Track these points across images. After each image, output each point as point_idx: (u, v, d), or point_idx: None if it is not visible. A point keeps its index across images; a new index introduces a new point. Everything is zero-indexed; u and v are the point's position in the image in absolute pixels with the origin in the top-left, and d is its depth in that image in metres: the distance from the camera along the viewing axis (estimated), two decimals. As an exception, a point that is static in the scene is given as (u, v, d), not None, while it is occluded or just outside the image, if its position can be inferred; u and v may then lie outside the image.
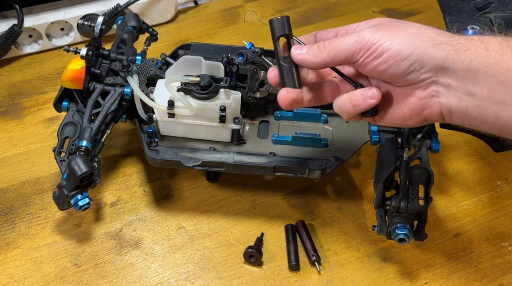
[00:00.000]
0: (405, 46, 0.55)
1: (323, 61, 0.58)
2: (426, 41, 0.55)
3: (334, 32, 0.62)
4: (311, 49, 0.59)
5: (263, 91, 0.80)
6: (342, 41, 0.57)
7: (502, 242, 0.78)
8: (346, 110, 0.60)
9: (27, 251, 0.75)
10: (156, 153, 0.76)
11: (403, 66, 0.55)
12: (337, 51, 0.57)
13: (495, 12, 0.77)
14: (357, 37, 0.56)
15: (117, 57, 0.80)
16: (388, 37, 0.55)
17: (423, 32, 0.55)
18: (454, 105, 0.56)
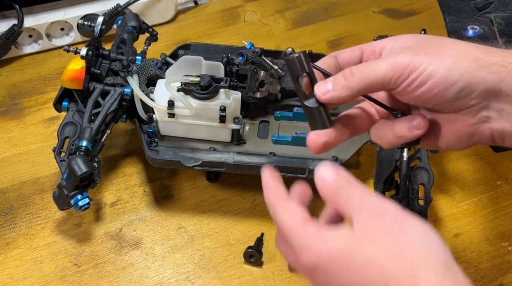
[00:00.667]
0: (451, 70, 0.47)
1: (355, 93, 0.49)
2: (473, 63, 0.48)
3: (359, 51, 0.54)
4: (337, 81, 0.50)
5: (263, 91, 0.80)
6: (374, 67, 0.49)
7: (502, 242, 0.78)
8: (387, 141, 0.53)
9: (27, 251, 0.75)
10: (156, 153, 0.76)
11: (451, 93, 0.48)
12: (370, 79, 0.49)
13: (495, 12, 0.77)
14: (393, 63, 0.48)
15: (117, 57, 0.80)
16: (430, 62, 0.48)
17: (468, 52, 0.48)
18: (508, 130, 0.49)
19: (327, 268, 0.43)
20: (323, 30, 1.12)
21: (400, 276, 0.41)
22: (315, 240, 0.44)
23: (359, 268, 0.42)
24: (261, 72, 0.79)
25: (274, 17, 1.15)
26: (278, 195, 0.48)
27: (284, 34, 1.12)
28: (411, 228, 0.43)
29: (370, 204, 0.44)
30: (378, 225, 0.43)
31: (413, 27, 1.09)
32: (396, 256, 0.41)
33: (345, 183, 0.46)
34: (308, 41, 1.10)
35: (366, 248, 0.42)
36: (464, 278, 0.42)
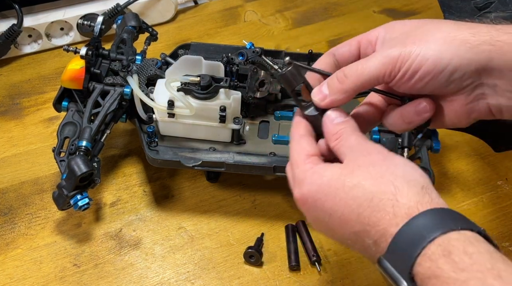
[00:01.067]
0: (439, 57, 0.49)
1: (351, 93, 0.52)
2: (461, 45, 0.49)
3: (356, 45, 0.56)
4: (332, 86, 0.52)
5: (263, 91, 0.80)
6: (366, 66, 0.51)
7: (503, 242, 0.78)
8: (400, 128, 0.55)
9: (27, 251, 0.75)
10: (156, 153, 0.76)
11: (442, 79, 0.50)
12: (363, 78, 0.51)
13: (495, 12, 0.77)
14: (383, 58, 0.50)
15: (117, 57, 0.80)
16: (418, 51, 0.49)
17: (455, 34, 0.49)
18: (504, 105, 0.51)
19: (316, 196, 0.49)
20: (323, 30, 1.12)
21: (382, 194, 0.46)
22: (309, 173, 0.50)
23: (345, 190, 0.47)
24: (261, 72, 0.79)
25: (274, 17, 1.15)
26: (297, 130, 0.53)
27: (284, 34, 1.12)
28: (393, 160, 0.48)
29: (363, 146, 0.50)
30: (365, 159, 0.48)
31: (413, 27, 1.09)
32: (379, 180, 0.47)
33: (348, 128, 0.51)
34: (308, 41, 1.09)
35: (353, 175, 0.48)
36: (438, 195, 0.47)
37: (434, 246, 0.42)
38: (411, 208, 0.44)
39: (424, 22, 0.52)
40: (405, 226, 0.44)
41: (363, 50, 0.55)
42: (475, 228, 0.44)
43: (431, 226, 0.43)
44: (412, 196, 0.45)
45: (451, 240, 0.42)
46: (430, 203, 0.45)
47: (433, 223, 0.43)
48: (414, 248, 0.43)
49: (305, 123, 0.54)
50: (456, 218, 0.44)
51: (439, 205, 0.45)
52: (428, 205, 0.45)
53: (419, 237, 0.43)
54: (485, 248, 0.42)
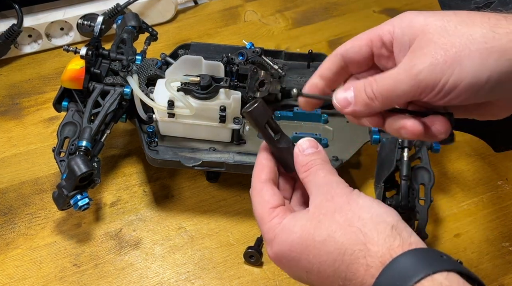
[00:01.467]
0: (475, 76, 0.43)
1: (377, 111, 0.48)
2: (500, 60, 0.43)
3: (366, 45, 0.51)
4: (360, 98, 0.48)
5: (263, 91, 0.80)
6: (395, 87, 0.46)
7: (503, 242, 0.78)
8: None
9: (27, 251, 0.75)
10: (156, 153, 0.76)
11: (480, 96, 0.45)
12: (392, 100, 0.47)
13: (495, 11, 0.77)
14: (411, 81, 0.45)
15: (117, 57, 0.80)
16: (451, 71, 0.44)
17: (491, 45, 0.43)
18: None
19: (289, 256, 0.48)
20: (323, 30, 1.12)
21: (353, 246, 0.44)
22: (278, 231, 0.48)
23: (317, 246, 0.46)
24: (261, 72, 0.79)
25: (274, 17, 1.15)
26: (258, 175, 0.52)
27: (284, 34, 1.12)
28: (358, 202, 0.47)
29: (328, 186, 0.48)
30: (330, 205, 0.47)
31: (413, 27, 1.09)
32: (347, 229, 0.45)
33: (318, 160, 0.50)
34: (308, 41, 1.09)
35: (321, 227, 0.46)
36: (410, 233, 0.45)
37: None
38: (384, 256, 0.43)
39: (448, 20, 0.46)
40: (379, 277, 0.43)
41: (377, 51, 0.50)
42: (449, 265, 0.42)
43: (404, 274, 0.42)
44: (382, 241, 0.44)
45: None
46: (401, 245, 0.43)
47: (406, 271, 0.42)
48: None
49: (268, 168, 0.52)
50: (429, 259, 0.42)
51: (411, 244, 0.44)
52: (400, 248, 0.43)
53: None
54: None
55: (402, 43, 0.48)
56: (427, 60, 0.45)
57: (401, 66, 0.46)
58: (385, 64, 0.51)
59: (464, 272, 0.42)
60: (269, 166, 0.52)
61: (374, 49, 0.50)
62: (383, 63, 0.51)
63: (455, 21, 0.46)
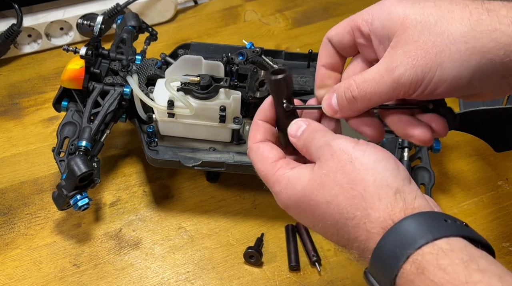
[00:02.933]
0: (457, 77, 0.43)
1: (361, 112, 0.49)
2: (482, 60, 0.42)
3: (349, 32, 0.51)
4: (341, 103, 0.49)
5: (263, 91, 0.80)
6: (375, 90, 0.46)
7: (503, 242, 0.77)
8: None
9: (26, 251, 0.75)
10: (156, 153, 0.76)
11: (465, 90, 0.45)
12: (372, 101, 0.47)
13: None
14: (393, 83, 0.45)
15: (117, 56, 0.80)
16: (432, 73, 0.44)
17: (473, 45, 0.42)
18: None
19: (296, 209, 0.48)
20: (323, 30, 1.12)
21: (355, 210, 0.44)
22: (283, 185, 0.48)
23: (320, 207, 0.46)
24: (261, 72, 0.79)
25: (274, 17, 1.15)
26: (253, 136, 0.51)
27: (284, 33, 1.11)
28: (362, 162, 0.45)
29: (326, 148, 0.47)
30: (332, 164, 0.46)
31: (413, 27, 1.09)
32: (350, 192, 0.44)
33: (310, 135, 0.49)
34: (308, 40, 1.09)
35: (324, 188, 0.45)
36: (414, 196, 0.44)
37: (408, 265, 0.41)
38: (385, 222, 0.43)
39: (428, 13, 0.45)
40: (380, 243, 0.42)
41: (358, 41, 0.50)
42: (452, 231, 0.41)
43: (404, 241, 0.41)
44: (384, 207, 0.43)
45: (425, 255, 0.40)
46: (404, 210, 0.43)
47: (406, 237, 0.41)
48: (391, 268, 0.41)
49: (263, 128, 0.52)
50: (431, 224, 0.42)
51: (414, 208, 0.43)
52: (402, 213, 0.42)
53: (394, 256, 0.41)
54: (460, 257, 0.40)
55: (381, 36, 0.48)
56: (408, 62, 0.44)
57: (381, 66, 0.46)
58: (366, 52, 0.51)
59: (468, 236, 0.42)
60: (265, 126, 0.52)
61: (356, 38, 0.51)
62: (365, 52, 0.51)
63: (435, 15, 0.45)
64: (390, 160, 0.45)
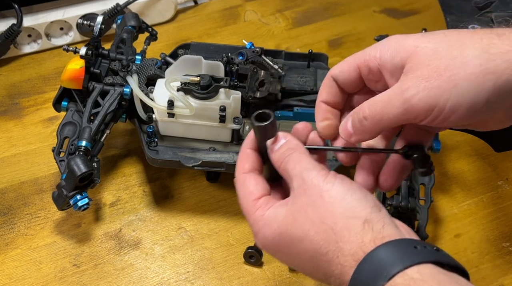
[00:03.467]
0: (473, 101, 0.43)
1: (375, 135, 0.49)
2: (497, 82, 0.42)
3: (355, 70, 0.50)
4: (355, 126, 0.49)
5: (263, 91, 0.80)
6: (386, 112, 0.46)
7: (503, 242, 0.77)
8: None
9: (26, 251, 0.75)
10: (156, 153, 0.76)
11: (478, 117, 0.44)
12: (384, 124, 0.47)
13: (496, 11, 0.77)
14: (404, 105, 0.45)
15: (117, 56, 0.80)
16: (446, 98, 0.43)
17: (486, 67, 0.42)
18: None
19: (273, 248, 0.48)
20: (323, 30, 1.12)
21: (327, 244, 0.44)
22: (260, 225, 0.48)
23: (295, 244, 0.46)
24: (261, 72, 0.79)
25: (274, 17, 1.15)
26: (242, 165, 0.52)
27: (284, 33, 1.11)
28: (331, 194, 0.45)
29: (300, 181, 0.47)
30: (303, 200, 0.46)
31: (413, 27, 1.09)
32: (321, 226, 0.45)
33: (288, 151, 0.49)
34: (308, 40, 1.09)
35: (297, 225, 0.46)
36: (383, 225, 0.44)
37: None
38: (356, 254, 0.43)
39: (438, 42, 0.45)
40: (354, 275, 0.42)
41: (365, 76, 0.50)
42: (422, 257, 0.41)
43: (375, 272, 0.41)
44: (354, 238, 0.43)
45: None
46: (373, 240, 0.42)
47: (378, 268, 0.41)
48: None
49: (252, 157, 0.52)
50: (401, 252, 0.41)
51: (384, 237, 0.43)
52: (372, 243, 0.42)
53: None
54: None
55: (393, 67, 0.47)
56: (421, 84, 0.44)
57: (392, 89, 0.46)
58: (375, 87, 0.51)
59: (439, 261, 0.41)
60: (253, 155, 0.52)
61: (362, 74, 0.50)
62: (373, 86, 0.51)
63: (446, 43, 0.45)
64: (357, 190, 0.46)
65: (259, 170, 0.52)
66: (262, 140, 0.51)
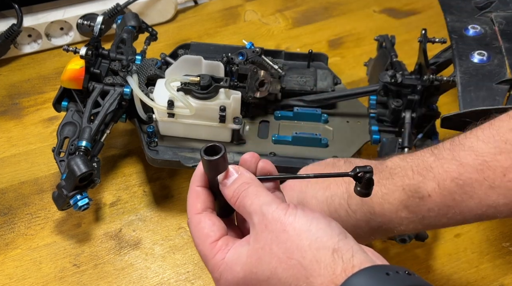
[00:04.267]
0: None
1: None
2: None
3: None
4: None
5: (263, 91, 0.80)
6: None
7: (503, 242, 0.77)
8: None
9: (27, 251, 0.75)
10: (156, 153, 0.76)
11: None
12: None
13: (496, 11, 0.76)
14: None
15: (117, 56, 0.80)
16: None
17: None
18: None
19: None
20: (323, 30, 1.12)
21: (297, 282, 0.42)
22: (222, 271, 0.46)
23: (262, 284, 0.44)
24: (261, 72, 0.79)
25: (274, 17, 1.15)
26: (193, 207, 0.49)
27: (284, 33, 1.11)
28: (294, 227, 0.44)
29: (260, 217, 0.45)
30: (266, 236, 0.44)
31: (413, 27, 1.09)
32: (288, 263, 0.43)
33: (243, 186, 0.47)
34: (308, 40, 1.09)
35: (262, 264, 0.44)
36: (352, 253, 0.43)
37: None
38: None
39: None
40: None
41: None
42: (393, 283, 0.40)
43: None
44: (324, 271, 0.42)
45: None
46: (344, 270, 0.41)
47: None
48: None
49: (203, 195, 0.49)
50: (372, 280, 0.41)
51: (354, 266, 0.42)
52: (343, 274, 0.41)
53: None
54: None
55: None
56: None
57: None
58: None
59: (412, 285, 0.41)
60: (205, 193, 0.50)
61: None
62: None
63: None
64: (320, 219, 0.45)
65: (212, 208, 0.50)
66: (213, 175, 0.48)
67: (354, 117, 0.83)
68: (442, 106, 0.78)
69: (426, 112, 0.77)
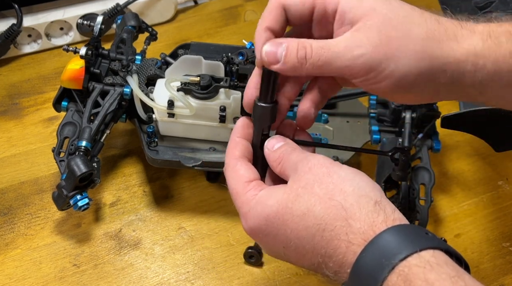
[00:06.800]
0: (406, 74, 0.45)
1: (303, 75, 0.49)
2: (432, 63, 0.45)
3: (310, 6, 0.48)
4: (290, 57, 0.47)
5: (263, 91, 0.80)
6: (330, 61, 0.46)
7: (503, 242, 0.77)
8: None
9: (26, 251, 0.75)
10: (156, 153, 0.76)
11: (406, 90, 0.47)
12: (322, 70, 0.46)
13: (496, 11, 0.77)
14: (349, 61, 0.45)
15: (117, 56, 0.80)
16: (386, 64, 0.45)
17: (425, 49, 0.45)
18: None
19: (265, 230, 0.46)
20: (323, 30, 1.12)
21: (334, 221, 0.43)
22: (252, 204, 0.47)
23: (295, 220, 0.44)
24: (261, 72, 0.78)
25: (274, 17, 1.15)
26: (232, 152, 0.51)
27: (284, 33, 1.11)
28: (339, 174, 0.45)
29: (304, 161, 0.46)
30: (309, 177, 0.45)
31: (413, 27, 1.09)
32: (328, 202, 0.43)
33: (288, 148, 0.48)
34: (308, 40, 1.09)
35: (300, 200, 0.44)
36: (393, 209, 0.43)
37: (394, 276, 0.39)
38: (366, 232, 0.42)
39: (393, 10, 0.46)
40: (362, 254, 0.41)
41: (316, 18, 0.49)
42: (435, 243, 0.41)
43: (388, 251, 0.40)
44: (365, 217, 0.42)
45: (412, 267, 0.39)
46: (385, 221, 0.42)
47: (390, 248, 0.40)
48: (375, 280, 0.40)
49: (241, 145, 0.51)
50: (415, 235, 0.41)
51: (395, 220, 0.42)
52: (384, 224, 0.42)
53: (378, 266, 0.40)
54: (447, 272, 0.39)
55: (346, 19, 0.47)
56: (370, 48, 0.45)
57: (341, 42, 0.46)
58: (318, 30, 0.50)
59: (449, 251, 0.41)
60: (243, 144, 0.51)
61: (315, 13, 0.49)
62: (317, 29, 0.50)
63: (400, 14, 0.47)
64: (365, 175, 0.46)
65: (250, 159, 0.50)
66: (261, 125, 0.50)
67: (354, 117, 0.83)
68: (442, 106, 0.78)
69: (426, 112, 0.77)
